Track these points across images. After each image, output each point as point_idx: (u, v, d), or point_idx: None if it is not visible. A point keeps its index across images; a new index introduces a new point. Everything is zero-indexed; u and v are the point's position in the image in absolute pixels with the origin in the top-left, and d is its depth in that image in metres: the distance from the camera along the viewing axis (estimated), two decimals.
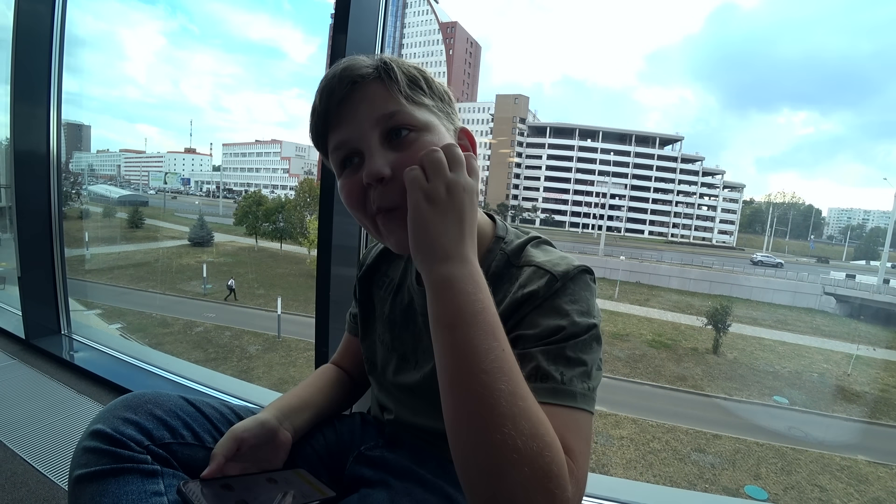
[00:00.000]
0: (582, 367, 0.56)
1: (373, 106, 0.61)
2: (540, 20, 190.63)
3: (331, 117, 0.63)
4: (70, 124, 41.97)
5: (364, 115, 0.61)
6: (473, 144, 0.69)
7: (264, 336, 15.27)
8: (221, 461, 0.64)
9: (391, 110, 0.61)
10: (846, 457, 10.77)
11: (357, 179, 0.61)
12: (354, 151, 0.62)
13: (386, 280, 0.84)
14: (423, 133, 0.62)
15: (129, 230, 28.91)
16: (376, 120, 0.61)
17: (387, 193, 0.60)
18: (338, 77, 0.61)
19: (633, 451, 10.57)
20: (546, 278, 0.61)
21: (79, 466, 0.56)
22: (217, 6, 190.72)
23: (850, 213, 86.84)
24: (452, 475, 0.66)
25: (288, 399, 0.80)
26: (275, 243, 27.59)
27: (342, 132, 0.62)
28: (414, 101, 0.63)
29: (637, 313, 20.66)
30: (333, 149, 0.64)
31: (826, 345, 18.43)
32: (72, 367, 1.99)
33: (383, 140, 0.61)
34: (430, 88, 0.66)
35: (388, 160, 0.60)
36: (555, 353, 0.56)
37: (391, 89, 0.62)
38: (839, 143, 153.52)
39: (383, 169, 0.59)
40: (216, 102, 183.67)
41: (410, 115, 0.61)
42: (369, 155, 0.60)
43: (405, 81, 0.63)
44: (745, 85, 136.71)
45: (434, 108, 0.65)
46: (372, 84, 0.62)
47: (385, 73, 0.62)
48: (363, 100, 0.61)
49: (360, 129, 0.61)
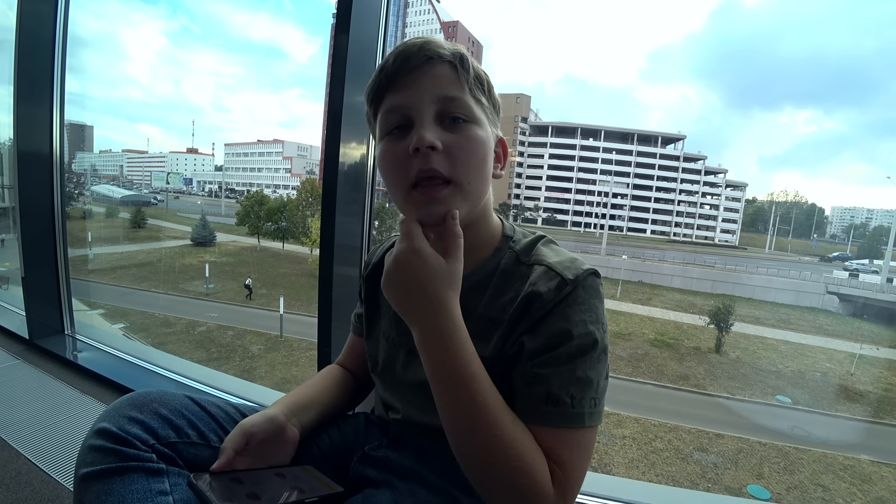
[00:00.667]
0: (591, 385, 0.60)
1: (440, 84, 0.64)
2: (541, 18, 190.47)
3: (397, 79, 0.65)
4: (73, 125, 42.11)
5: (428, 87, 0.64)
6: (506, 155, 0.73)
7: (267, 336, 15.29)
8: (231, 455, 0.64)
9: (454, 94, 0.64)
10: (849, 456, 10.72)
11: (402, 147, 0.63)
12: (405, 119, 0.65)
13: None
14: (473, 125, 0.65)
15: (131, 230, 28.98)
16: (437, 98, 0.64)
17: (433, 161, 0.62)
18: (417, 47, 0.65)
19: (636, 451, 10.55)
20: (556, 281, 0.63)
21: (84, 465, 0.57)
22: (218, 6, 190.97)
23: (853, 212, 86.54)
24: (456, 476, 0.66)
25: (295, 396, 0.80)
26: (277, 243, 27.62)
27: (402, 97, 0.65)
28: (474, 95, 0.67)
29: (639, 312, 20.62)
30: (386, 110, 0.66)
31: (829, 344, 18.36)
32: (75, 367, 2.00)
33: (437, 118, 0.64)
34: (489, 93, 0.70)
35: (438, 135, 0.63)
36: (566, 375, 0.59)
37: (460, 77, 0.66)
38: (842, 141, 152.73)
39: (435, 139, 0.62)
40: (218, 102, 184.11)
41: (468, 106, 0.65)
42: (421, 125, 0.63)
43: (473, 76, 0.67)
44: (747, 83, 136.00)
45: (487, 109, 0.69)
46: (445, 65, 0.65)
47: (460, 62, 0.66)
48: (433, 76, 0.65)
49: (420, 100, 0.64)
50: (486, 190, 0.69)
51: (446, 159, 0.63)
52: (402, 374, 0.76)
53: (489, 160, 0.68)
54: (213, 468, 0.63)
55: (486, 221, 0.73)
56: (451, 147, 0.63)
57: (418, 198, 0.64)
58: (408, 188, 0.64)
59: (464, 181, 0.64)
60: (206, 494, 0.57)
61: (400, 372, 0.76)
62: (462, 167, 0.64)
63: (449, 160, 0.63)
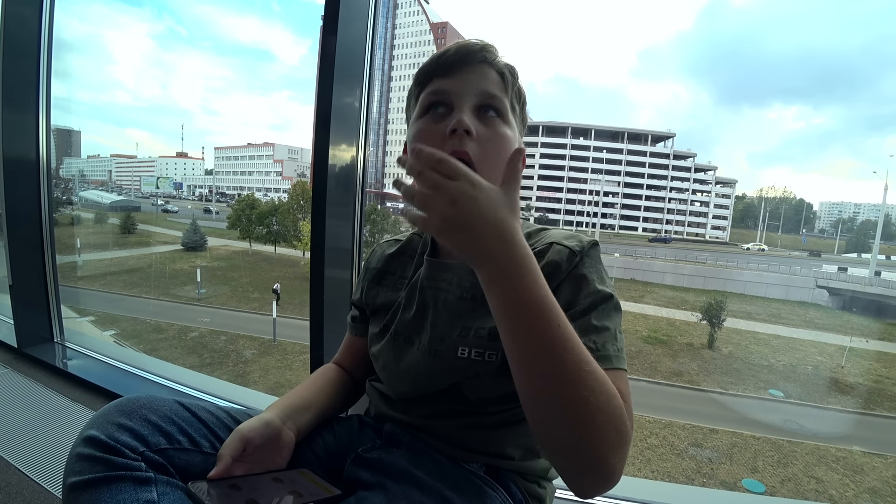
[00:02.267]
0: (609, 332, 0.64)
1: (486, 82, 0.71)
2: (531, 18, 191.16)
3: (450, 67, 0.72)
4: (59, 130, 41.59)
5: (476, 82, 0.71)
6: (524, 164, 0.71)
7: (260, 340, 15.20)
8: (229, 461, 0.63)
9: (496, 94, 0.71)
10: (841, 448, 10.85)
11: (439, 127, 0.69)
12: (446, 103, 0.71)
13: (395, 277, 0.86)
14: (504, 124, 0.72)
15: (121, 235, 28.71)
16: (481, 93, 0.71)
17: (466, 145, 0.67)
18: (478, 47, 0.72)
19: (631, 448, 10.59)
20: (567, 253, 0.69)
21: (72, 474, 0.56)
22: (204, 8, 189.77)
23: (840, 207, 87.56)
24: (449, 477, 0.67)
25: (290, 399, 0.80)
26: (269, 247, 27.48)
27: (450, 83, 0.71)
28: (512, 103, 0.74)
29: (632, 310, 20.72)
30: (431, 91, 0.72)
31: (820, 337, 18.57)
32: (65, 375, 1.97)
33: (475, 109, 0.71)
34: (522, 108, 0.78)
35: (474, 124, 0.68)
36: (584, 325, 0.63)
37: (505, 84, 0.73)
38: (830, 137, 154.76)
39: (472, 125, 0.68)
40: (206, 106, 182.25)
41: (504, 106, 0.72)
42: (461, 110, 0.69)
43: (515, 88, 0.75)
44: (737, 80, 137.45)
45: (518, 120, 0.76)
46: (494, 70, 0.73)
47: (508, 72, 0.74)
48: (482, 74, 0.72)
49: (465, 90, 0.70)
50: None
51: (478, 148, 0.68)
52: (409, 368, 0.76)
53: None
54: (211, 475, 0.62)
55: None
56: (483, 137, 0.69)
57: None
58: None
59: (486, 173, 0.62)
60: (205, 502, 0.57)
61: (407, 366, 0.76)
62: (487, 160, 0.68)
63: (479, 148, 0.68)
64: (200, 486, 0.59)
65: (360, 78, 1.44)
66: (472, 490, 0.67)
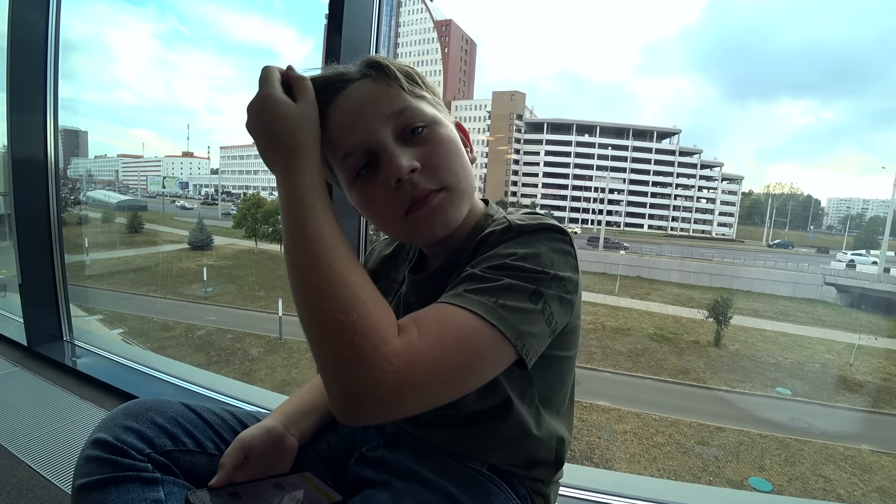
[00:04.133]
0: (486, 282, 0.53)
1: (378, 104, 0.59)
2: (535, 15, 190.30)
3: (332, 123, 0.60)
4: (67, 130, 41.95)
5: (370, 115, 0.59)
6: (467, 136, 0.69)
7: (266, 338, 15.28)
8: (230, 470, 0.64)
9: (399, 107, 0.59)
10: (850, 447, 10.79)
11: (378, 183, 0.59)
12: (369, 154, 0.59)
13: (388, 280, 0.84)
14: (435, 126, 0.61)
15: (128, 235, 28.91)
16: (386, 118, 0.59)
17: (419, 182, 0.58)
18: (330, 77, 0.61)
19: (637, 446, 10.59)
20: (503, 226, 0.59)
21: (81, 475, 0.57)
22: (207, 7, 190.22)
23: (849, 203, 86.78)
24: (453, 474, 0.67)
25: (293, 403, 0.80)
26: (275, 245, 27.58)
27: (351, 136, 0.59)
28: (416, 95, 0.62)
29: (638, 307, 20.67)
30: (345, 156, 0.60)
31: (828, 335, 18.45)
32: (74, 374, 1.99)
33: (397, 137, 0.59)
34: (424, 82, 0.65)
35: (409, 155, 0.58)
36: (470, 274, 0.55)
37: (392, 86, 0.60)
38: (840, 131, 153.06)
39: (413, 162, 0.57)
40: (210, 105, 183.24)
41: (419, 111, 0.60)
42: (390, 153, 0.57)
43: (403, 77, 0.62)
44: (744, 75, 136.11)
45: (432, 100, 0.65)
46: (370, 83, 0.61)
47: (380, 71, 0.61)
48: (367, 100, 0.60)
49: (370, 131, 0.58)
50: (472, 180, 0.65)
51: (428, 174, 0.58)
52: None
53: (463, 152, 0.64)
54: (211, 484, 0.63)
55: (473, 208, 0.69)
56: (427, 159, 0.59)
57: (416, 219, 0.59)
58: (401, 218, 0.59)
59: (454, 182, 0.60)
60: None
61: None
62: (447, 171, 0.60)
63: (431, 173, 0.59)
64: (201, 496, 0.60)
65: None
66: (476, 487, 0.67)
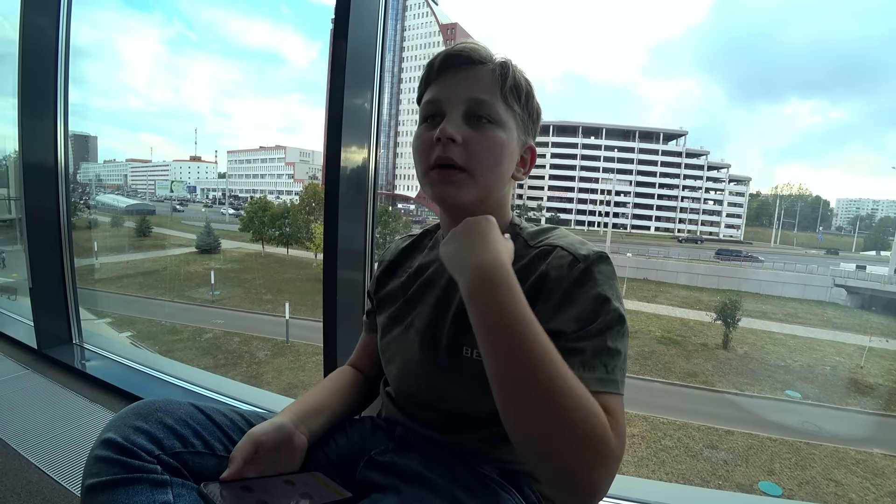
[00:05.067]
0: (619, 356, 0.63)
1: (474, 86, 0.71)
2: (540, 17, 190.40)
3: (439, 76, 0.74)
4: (77, 136, 42.41)
5: (462, 89, 0.72)
6: (532, 161, 0.80)
7: (273, 341, 15.34)
8: (240, 464, 0.64)
9: (484, 98, 0.71)
10: (861, 450, 10.64)
11: (430, 135, 0.71)
12: (439, 111, 0.73)
13: (406, 268, 0.88)
14: (497, 127, 0.72)
15: (137, 239, 29.16)
16: (468, 99, 0.71)
17: (450, 151, 0.69)
18: (461, 50, 0.73)
19: (645, 449, 10.51)
20: (568, 260, 0.66)
21: (90, 476, 0.57)
22: (214, 12, 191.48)
23: (858, 204, 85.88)
24: (462, 480, 0.67)
25: (303, 403, 0.80)
26: (281, 249, 27.70)
27: (439, 92, 0.73)
28: (507, 102, 0.73)
29: (645, 310, 20.54)
30: (426, 101, 0.75)
31: (838, 337, 18.24)
32: (84, 376, 2.01)
33: (465, 115, 0.71)
34: (527, 102, 0.76)
35: (461, 131, 0.70)
36: (598, 346, 0.62)
37: (496, 83, 0.72)
38: (849, 131, 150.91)
39: (455, 134, 0.69)
40: (218, 109, 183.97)
41: (496, 110, 0.71)
42: (448, 119, 0.71)
43: (511, 85, 0.73)
44: (751, 75, 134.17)
45: (520, 117, 0.75)
46: (486, 71, 0.72)
47: (500, 70, 0.73)
48: (469, 78, 0.72)
49: (453, 98, 0.72)
50: (500, 185, 0.75)
51: (464, 152, 0.70)
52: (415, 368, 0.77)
53: (506, 161, 0.73)
54: (223, 477, 0.63)
55: (500, 215, 0.76)
56: (471, 142, 0.70)
57: (434, 178, 0.71)
58: (426, 168, 0.72)
59: (477, 173, 0.71)
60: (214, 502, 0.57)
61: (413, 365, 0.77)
62: (477, 161, 0.70)
63: (466, 153, 0.70)
64: (213, 488, 0.60)
65: (370, 80, 1.45)
66: (485, 493, 0.66)
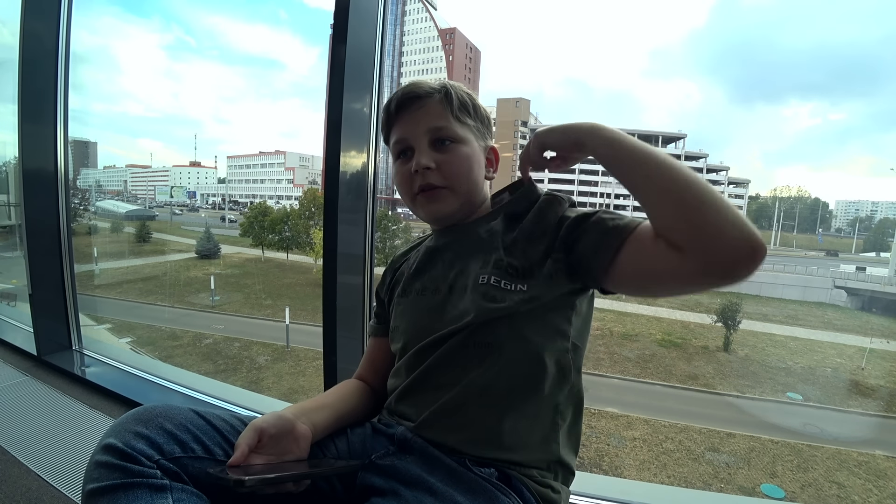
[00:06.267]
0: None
1: (429, 118, 0.83)
2: (539, 21, 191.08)
3: (397, 117, 0.85)
4: (77, 141, 42.48)
5: (421, 123, 0.83)
6: (497, 160, 0.91)
7: (273, 346, 15.31)
8: (245, 449, 0.66)
9: (441, 124, 0.82)
10: (864, 452, 10.61)
11: (407, 168, 0.83)
12: (408, 147, 0.84)
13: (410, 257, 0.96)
14: (460, 145, 0.83)
15: (136, 244, 29.13)
16: (428, 129, 0.82)
17: (429, 178, 0.82)
18: (408, 91, 0.84)
19: (647, 453, 10.48)
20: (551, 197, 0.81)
21: (91, 481, 0.58)
22: (213, 18, 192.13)
23: (857, 205, 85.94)
24: (462, 482, 0.67)
25: (304, 402, 0.83)
26: (281, 254, 27.68)
27: (402, 131, 0.85)
28: (460, 120, 0.84)
29: (645, 313, 20.50)
30: (395, 142, 0.86)
31: (839, 339, 18.20)
32: (83, 383, 2.00)
33: (430, 143, 0.83)
34: (476, 112, 0.87)
35: (432, 157, 0.82)
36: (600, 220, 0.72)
37: (445, 109, 0.83)
38: (848, 133, 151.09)
39: (429, 162, 0.81)
40: (217, 115, 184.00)
41: (454, 131, 0.83)
42: (419, 152, 0.82)
43: (457, 104, 0.84)
44: (751, 77, 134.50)
45: (474, 128, 0.86)
46: (432, 102, 0.83)
47: (444, 96, 0.83)
48: (423, 111, 0.83)
49: (415, 133, 0.83)
50: (478, 190, 0.87)
51: (440, 174, 0.82)
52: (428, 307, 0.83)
53: (476, 168, 0.85)
54: (230, 462, 0.65)
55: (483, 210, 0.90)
56: (442, 164, 0.82)
57: (421, 201, 0.84)
58: (413, 196, 0.84)
59: (455, 186, 0.83)
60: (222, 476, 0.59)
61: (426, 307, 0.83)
62: (453, 177, 0.83)
63: (442, 174, 0.82)
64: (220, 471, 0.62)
65: (369, 85, 1.46)
66: (484, 495, 0.67)
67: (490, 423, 0.73)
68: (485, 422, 0.73)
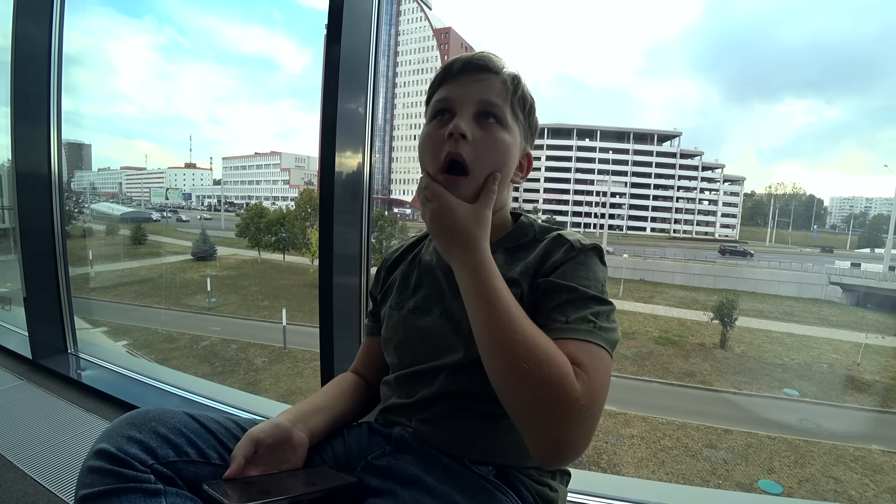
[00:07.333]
0: (606, 317, 0.68)
1: (487, 91, 0.76)
2: (533, 18, 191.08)
3: (454, 77, 0.78)
4: (71, 144, 42.26)
5: (476, 91, 0.76)
6: (529, 167, 0.86)
7: (270, 348, 15.27)
8: (241, 461, 0.65)
9: (495, 101, 0.76)
10: (860, 447, 10.67)
11: (440, 132, 0.75)
12: (449, 109, 0.76)
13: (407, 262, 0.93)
14: (503, 130, 0.76)
15: (132, 247, 29.02)
16: (480, 100, 0.76)
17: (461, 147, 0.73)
18: (478, 57, 0.78)
19: (645, 450, 10.51)
20: (566, 246, 0.75)
21: (84, 486, 0.57)
22: (206, 19, 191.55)
23: (852, 202, 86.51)
24: (459, 481, 0.67)
25: (301, 405, 0.82)
26: (277, 255, 27.63)
27: (452, 91, 0.77)
28: (513, 110, 0.78)
29: (642, 311, 20.58)
30: (437, 99, 0.78)
31: (834, 335, 18.31)
32: (79, 386, 1.99)
33: (475, 115, 0.75)
34: (529, 115, 0.82)
35: (471, 129, 0.74)
36: (581, 305, 0.68)
37: (507, 91, 0.77)
38: (843, 130, 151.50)
39: (466, 130, 0.73)
40: (212, 116, 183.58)
41: (504, 114, 0.77)
42: (461, 116, 0.75)
43: (519, 96, 0.79)
44: (746, 74, 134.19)
45: (522, 125, 0.81)
46: (498, 80, 0.77)
47: (511, 81, 0.78)
48: (484, 83, 0.77)
49: (465, 98, 0.76)
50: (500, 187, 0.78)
51: (472, 150, 0.73)
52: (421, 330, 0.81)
53: (509, 162, 0.78)
54: (226, 475, 0.64)
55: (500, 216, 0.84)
56: (478, 141, 0.74)
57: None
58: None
59: (479, 176, 0.74)
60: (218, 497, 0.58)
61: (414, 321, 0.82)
62: (482, 160, 0.74)
63: (474, 151, 0.73)
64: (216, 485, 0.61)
65: (364, 85, 1.45)
66: (481, 494, 0.67)
67: (487, 427, 0.73)
68: (481, 426, 0.73)
